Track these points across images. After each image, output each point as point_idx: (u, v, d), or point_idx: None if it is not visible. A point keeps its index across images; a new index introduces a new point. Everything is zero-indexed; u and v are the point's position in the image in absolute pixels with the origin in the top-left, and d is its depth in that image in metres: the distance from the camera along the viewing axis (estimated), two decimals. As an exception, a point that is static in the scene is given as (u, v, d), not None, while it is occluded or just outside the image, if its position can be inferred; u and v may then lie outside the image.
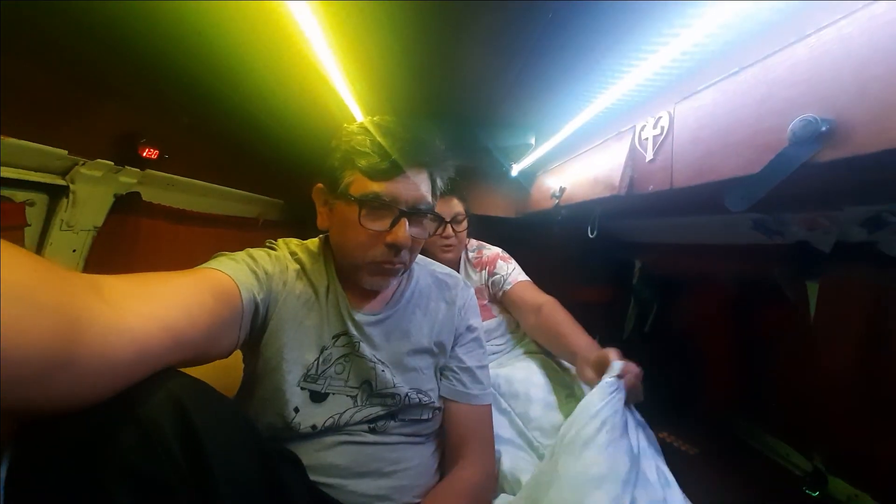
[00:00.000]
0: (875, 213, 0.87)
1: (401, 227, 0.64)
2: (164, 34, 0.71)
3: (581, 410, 0.69)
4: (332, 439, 0.67)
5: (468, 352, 0.80)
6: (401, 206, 0.64)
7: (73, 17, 0.65)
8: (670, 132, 0.75)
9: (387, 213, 0.65)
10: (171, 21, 0.67)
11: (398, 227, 0.64)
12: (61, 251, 0.99)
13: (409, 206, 0.65)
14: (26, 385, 0.32)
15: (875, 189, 0.77)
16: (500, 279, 1.23)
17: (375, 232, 0.64)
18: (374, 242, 0.65)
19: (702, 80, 0.69)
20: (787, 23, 0.53)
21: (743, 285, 1.45)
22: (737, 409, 1.50)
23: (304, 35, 0.65)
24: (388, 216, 0.65)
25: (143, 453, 0.38)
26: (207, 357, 0.55)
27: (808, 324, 1.16)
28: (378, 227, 0.64)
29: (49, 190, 0.93)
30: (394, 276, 0.70)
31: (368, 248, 0.66)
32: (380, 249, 0.66)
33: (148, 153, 1.06)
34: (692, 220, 1.37)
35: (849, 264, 1.01)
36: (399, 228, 0.64)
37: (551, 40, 0.71)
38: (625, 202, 0.94)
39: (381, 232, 0.65)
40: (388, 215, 0.65)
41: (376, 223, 0.64)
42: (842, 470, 1.10)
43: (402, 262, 0.69)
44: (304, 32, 0.65)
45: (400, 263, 0.68)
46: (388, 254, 0.66)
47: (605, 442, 0.64)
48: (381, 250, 0.66)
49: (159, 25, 0.68)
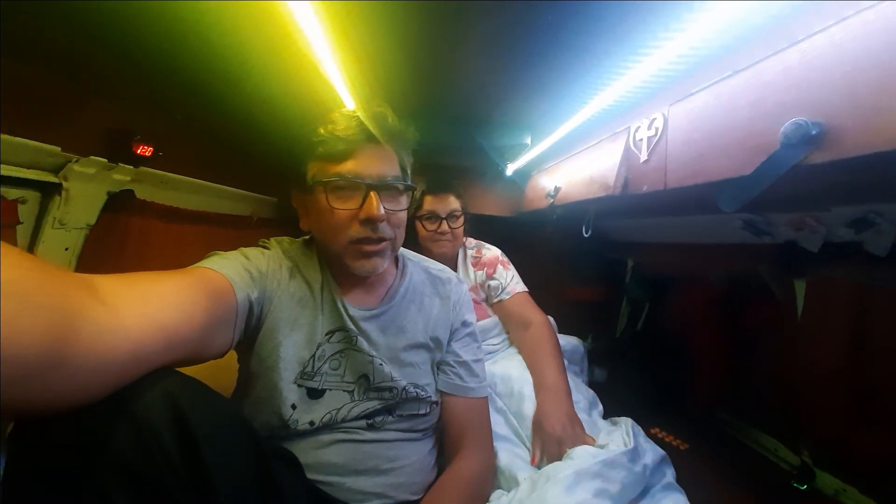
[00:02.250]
0: (861, 214, 0.89)
1: (370, 200, 0.64)
2: (158, 30, 0.70)
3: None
4: (329, 437, 0.67)
5: (464, 346, 0.81)
6: (366, 180, 0.65)
7: (66, 13, 0.65)
8: (664, 133, 0.77)
9: (355, 191, 0.65)
10: (165, 17, 0.66)
11: (368, 201, 0.64)
12: (54, 249, 0.97)
13: (374, 180, 0.65)
14: (21, 384, 0.32)
15: (862, 190, 0.79)
16: (499, 286, 1.24)
17: (348, 211, 0.64)
18: (349, 222, 0.65)
19: (696, 83, 0.70)
20: (779, 28, 0.54)
21: (732, 284, 1.47)
22: (726, 405, 1.53)
23: (301, 33, 0.65)
24: (356, 194, 0.65)
25: (139, 452, 0.38)
26: (202, 357, 0.55)
27: (796, 321, 1.18)
28: (349, 205, 0.64)
29: (42, 187, 0.92)
30: (380, 256, 0.69)
31: (345, 229, 0.66)
32: (356, 228, 0.65)
33: (142, 150, 1.05)
34: (684, 219, 1.39)
35: (835, 263, 1.03)
36: (369, 203, 0.64)
37: (548, 42, 0.72)
38: (619, 202, 0.95)
39: (354, 210, 0.65)
40: (356, 193, 0.65)
41: (346, 202, 0.65)
42: (829, 464, 1.12)
43: (384, 239, 0.68)
44: (302, 31, 0.64)
45: (382, 241, 0.68)
46: (365, 231, 0.65)
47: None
48: (358, 229, 0.65)
49: (154, 21, 0.68)
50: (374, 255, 0.68)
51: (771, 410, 1.35)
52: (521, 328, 1.17)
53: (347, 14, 0.65)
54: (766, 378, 1.38)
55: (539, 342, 1.10)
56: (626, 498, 0.69)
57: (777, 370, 1.31)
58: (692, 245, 1.48)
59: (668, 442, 1.37)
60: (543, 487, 0.67)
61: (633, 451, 0.75)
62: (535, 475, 0.73)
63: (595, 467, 0.69)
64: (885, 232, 0.87)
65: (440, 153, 1.51)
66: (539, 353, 1.07)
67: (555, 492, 0.65)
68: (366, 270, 0.69)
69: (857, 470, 1.05)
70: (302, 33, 0.65)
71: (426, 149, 0.82)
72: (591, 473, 0.68)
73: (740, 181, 0.57)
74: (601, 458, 0.71)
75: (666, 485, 0.77)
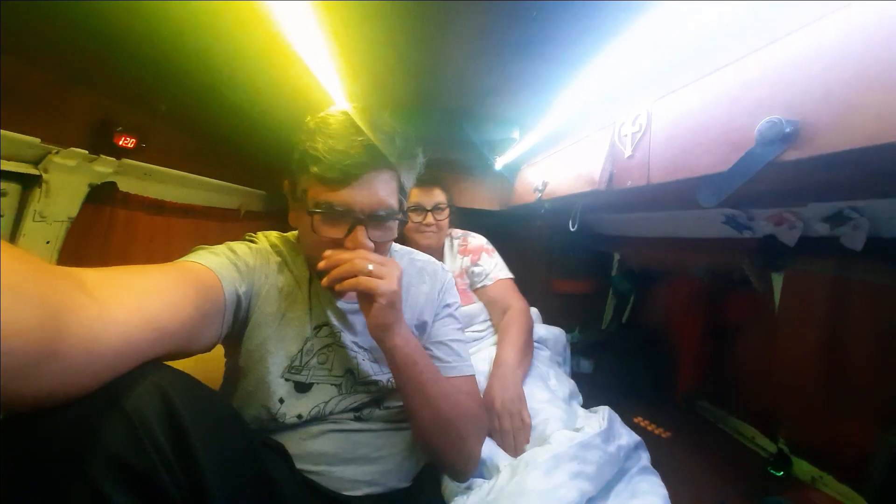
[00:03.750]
0: (837, 210, 0.92)
1: (357, 233, 0.61)
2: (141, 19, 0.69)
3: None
4: (318, 428, 0.68)
5: (443, 326, 0.79)
6: (356, 213, 0.61)
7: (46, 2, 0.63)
8: (648, 130, 0.78)
9: (343, 219, 0.61)
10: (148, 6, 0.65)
11: (354, 233, 0.61)
12: (35, 243, 0.96)
13: (365, 213, 0.62)
14: (11, 377, 0.32)
15: (837, 187, 0.81)
16: (482, 272, 1.27)
17: (331, 239, 0.61)
18: (333, 246, 0.62)
19: (679, 80, 0.71)
20: (761, 25, 0.55)
21: (715, 277, 1.51)
22: (707, 394, 1.57)
23: (287, 25, 0.65)
24: (344, 223, 0.61)
25: (130, 444, 0.38)
26: (190, 350, 0.55)
27: (774, 313, 1.22)
28: (334, 234, 0.61)
29: (22, 179, 0.90)
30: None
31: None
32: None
33: (124, 142, 1.03)
34: (668, 214, 1.42)
35: (812, 257, 1.07)
36: (355, 235, 0.61)
37: (536, 37, 0.72)
38: (605, 196, 0.96)
39: (339, 239, 0.61)
40: (344, 221, 0.61)
41: (332, 230, 0.61)
42: (805, 452, 1.16)
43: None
44: (288, 22, 0.64)
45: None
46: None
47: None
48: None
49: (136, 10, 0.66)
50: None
51: (749, 399, 1.39)
52: (500, 314, 1.20)
53: (336, 7, 0.65)
54: (745, 368, 1.42)
55: (508, 324, 1.13)
56: (602, 477, 0.72)
57: (756, 361, 1.35)
58: (677, 239, 1.52)
59: (650, 430, 1.41)
60: (523, 473, 0.69)
61: (607, 432, 0.78)
62: (515, 462, 0.75)
63: (571, 450, 0.71)
64: (861, 227, 0.90)
65: (428, 146, 1.51)
66: (506, 334, 1.10)
67: (534, 476, 0.67)
68: (343, 297, 0.68)
69: (833, 458, 1.09)
70: (290, 25, 0.65)
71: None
72: (567, 457, 0.70)
73: (719, 177, 0.59)
74: (577, 441, 0.73)
75: (642, 468, 0.79)
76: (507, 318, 1.16)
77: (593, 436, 0.75)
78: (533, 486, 0.65)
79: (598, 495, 0.70)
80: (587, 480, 0.68)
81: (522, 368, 1.02)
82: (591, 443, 0.74)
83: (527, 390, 0.97)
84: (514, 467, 0.73)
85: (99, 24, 0.71)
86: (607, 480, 0.73)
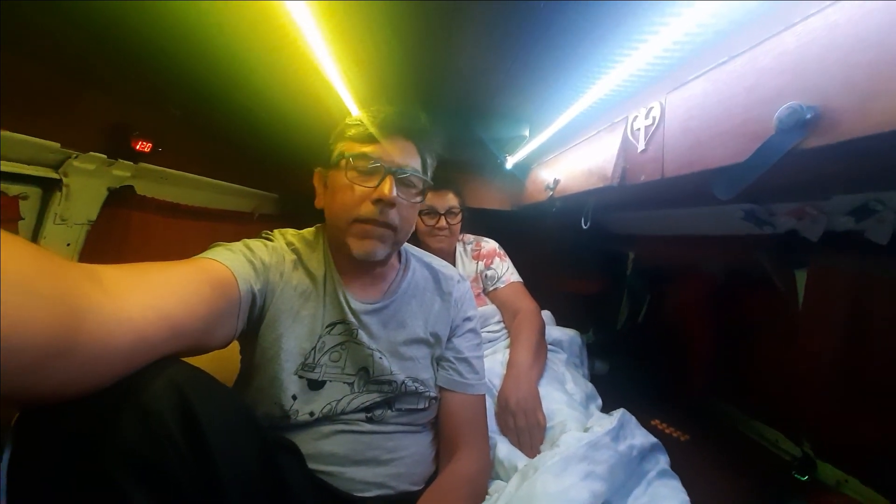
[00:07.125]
0: (862, 202, 0.89)
1: (386, 182, 0.66)
2: (157, 25, 0.70)
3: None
4: (329, 428, 0.68)
5: (465, 342, 0.81)
6: (386, 164, 0.67)
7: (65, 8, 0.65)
8: (661, 122, 0.76)
9: (374, 174, 0.67)
10: (164, 13, 0.66)
11: (384, 182, 0.66)
12: (55, 245, 0.98)
13: (395, 167, 0.67)
14: (27, 373, 0.33)
15: (861, 178, 0.78)
16: (494, 276, 1.30)
17: (363, 189, 0.67)
18: (361, 200, 0.67)
19: (692, 70, 0.70)
20: (775, 11, 0.53)
21: (734, 275, 1.47)
22: (727, 396, 1.53)
23: (298, 27, 0.65)
24: (375, 177, 0.67)
25: (146, 440, 0.39)
26: (205, 347, 0.55)
27: (797, 312, 1.18)
28: (366, 184, 0.67)
29: (42, 183, 0.93)
30: (380, 240, 0.68)
31: (356, 206, 0.67)
32: (366, 207, 0.66)
33: (141, 146, 1.05)
34: (685, 211, 1.38)
35: (836, 253, 1.03)
36: (384, 184, 0.65)
37: (544, 31, 0.71)
38: (618, 193, 0.94)
39: (369, 189, 0.66)
40: (375, 176, 0.67)
41: (364, 181, 0.67)
42: (830, 455, 1.12)
43: (388, 224, 0.68)
44: (299, 25, 0.65)
45: (387, 226, 0.68)
46: (374, 211, 0.66)
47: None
48: (369, 207, 0.66)
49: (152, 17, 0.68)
50: (375, 238, 0.68)
51: (772, 401, 1.35)
52: (512, 316, 1.22)
53: (346, 9, 0.65)
54: (767, 369, 1.38)
55: (520, 326, 1.15)
56: (616, 477, 0.70)
57: (778, 361, 1.31)
58: (694, 237, 1.48)
59: (668, 433, 1.37)
60: (533, 477, 0.68)
61: (616, 430, 0.77)
62: (525, 467, 0.74)
63: (581, 451, 0.71)
64: (887, 220, 0.87)
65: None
66: (518, 336, 1.12)
67: (544, 480, 0.66)
68: (364, 252, 0.68)
69: (859, 461, 1.05)
70: (300, 28, 0.66)
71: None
72: (577, 458, 0.70)
73: (735, 168, 0.57)
74: (585, 442, 0.73)
75: (661, 472, 0.77)
76: (519, 320, 1.17)
77: (602, 435, 0.74)
78: (544, 490, 0.65)
79: (615, 500, 0.69)
80: (598, 480, 0.67)
81: (536, 369, 1.02)
82: (600, 442, 0.73)
83: (543, 393, 0.96)
84: (524, 472, 0.72)
85: (115, 30, 0.72)
86: (622, 481, 0.71)
